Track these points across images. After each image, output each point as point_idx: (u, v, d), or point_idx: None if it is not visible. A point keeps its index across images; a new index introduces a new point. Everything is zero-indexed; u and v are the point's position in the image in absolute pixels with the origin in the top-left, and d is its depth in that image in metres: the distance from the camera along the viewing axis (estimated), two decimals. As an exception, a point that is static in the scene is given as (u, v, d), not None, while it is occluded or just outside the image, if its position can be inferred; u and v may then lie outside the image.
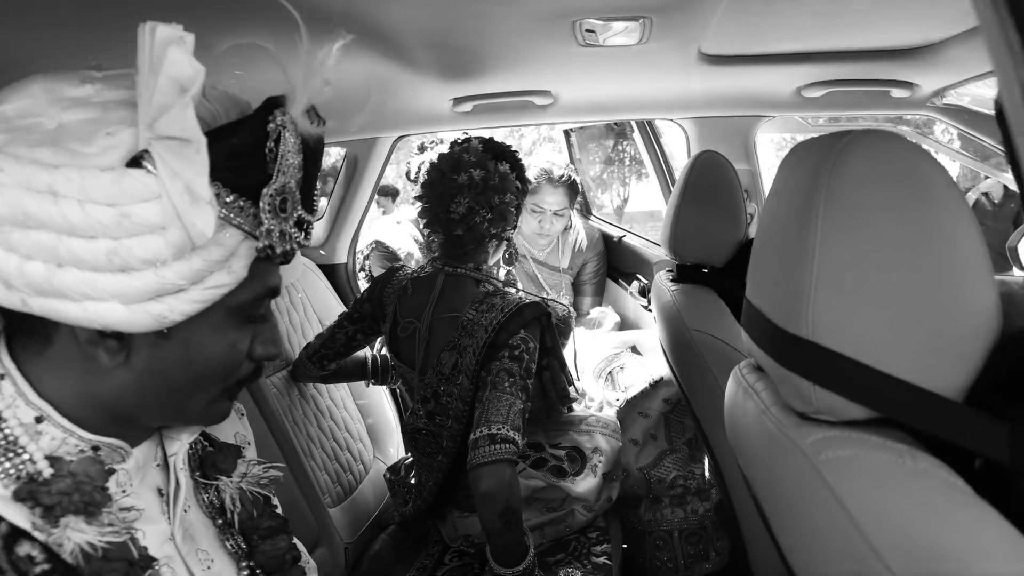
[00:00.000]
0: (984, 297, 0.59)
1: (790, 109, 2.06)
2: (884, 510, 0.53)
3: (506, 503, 1.26)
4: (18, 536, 0.54)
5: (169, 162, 0.52)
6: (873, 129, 0.65)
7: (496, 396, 1.31)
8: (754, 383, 0.79)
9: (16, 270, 0.53)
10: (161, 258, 0.53)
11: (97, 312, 0.54)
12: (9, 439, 0.58)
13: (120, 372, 0.60)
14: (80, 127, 0.53)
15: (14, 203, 0.51)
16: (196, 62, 0.52)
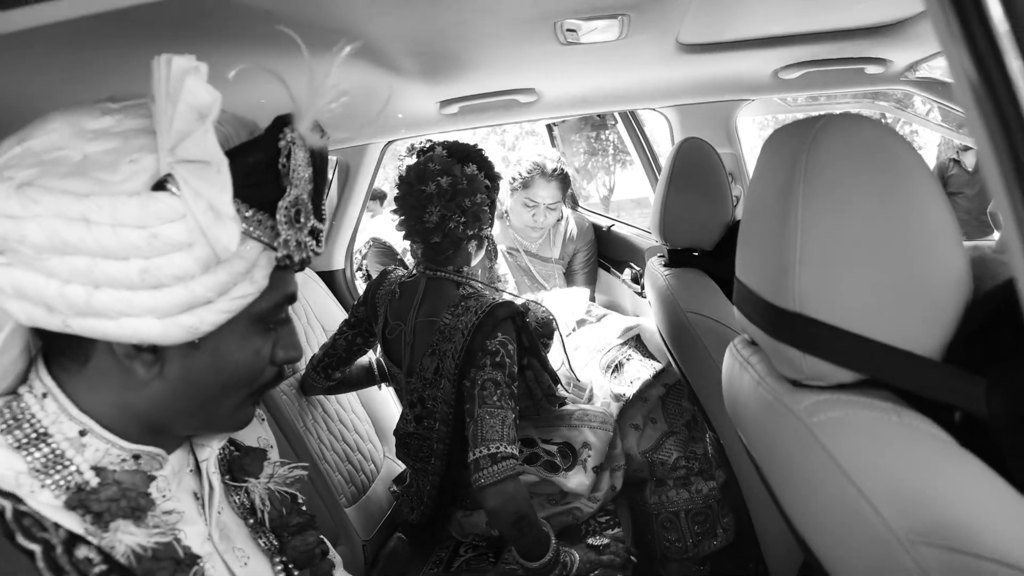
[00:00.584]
0: (954, 262, 0.63)
1: (768, 91, 2.11)
2: (874, 463, 0.58)
3: (516, 514, 1.30)
4: (76, 541, 0.58)
5: (192, 183, 0.56)
6: (844, 113, 0.70)
7: (488, 412, 1.34)
8: (748, 357, 0.83)
9: (57, 294, 0.56)
10: (190, 273, 0.57)
11: (134, 328, 0.58)
12: (56, 453, 0.61)
13: (155, 384, 0.64)
14: (104, 156, 0.57)
15: (51, 232, 0.55)
16: (212, 89, 0.56)
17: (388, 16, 1.04)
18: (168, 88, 0.54)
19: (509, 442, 1.32)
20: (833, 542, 0.64)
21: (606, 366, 2.09)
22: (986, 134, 0.40)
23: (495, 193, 1.55)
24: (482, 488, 1.30)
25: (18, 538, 0.54)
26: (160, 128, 0.55)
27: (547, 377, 1.60)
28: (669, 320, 1.67)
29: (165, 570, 0.62)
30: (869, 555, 0.56)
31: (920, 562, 0.51)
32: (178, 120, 0.54)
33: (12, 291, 0.57)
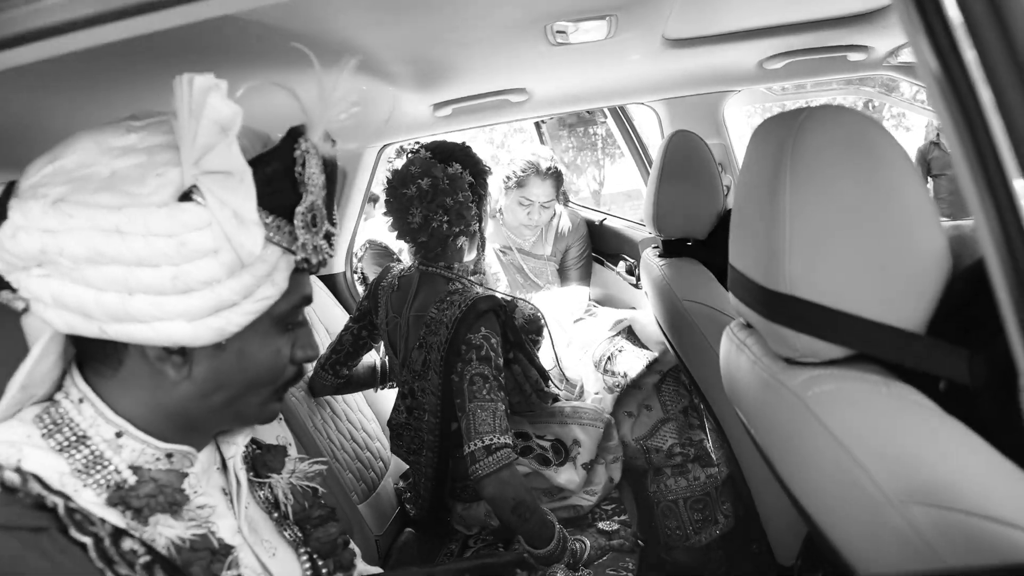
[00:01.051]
0: (934, 241, 0.68)
1: (754, 82, 2.15)
2: (865, 431, 0.62)
3: (514, 500, 1.34)
4: (121, 534, 0.61)
5: (217, 193, 0.59)
6: (826, 105, 0.74)
7: (479, 406, 1.38)
8: (744, 339, 0.87)
9: (94, 302, 0.60)
10: (217, 278, 0.61)
11: (166, 331, 0.61)
12: (95, 454, 0.65)
13: (184, 384, 0.67)
14: (132, 171, 0.60)
15: (87, 244, 0.58)
16: (234, 104, 0.59)
17: (385, 26, 1.07)
18: (191, 105, 0.58)
19: (502, 432, 1.37)
20: (830, 507, 0.68)
21: (598, 359, 2.11)
22: (950, 121, 0.43)
23: (483, 189, 1.59)
24: (480, 479, 1.34)
25: (71, 531, 0.58)
26: (183, 143, 0.59)
27: (535, 372, 1.64)
28: (666, 309, 1.72)
29: (203, 560, 0.65)
30: (864, 518, 0.60)
31: (911, 521, 0.55)
32: (202, 134, 0.58)
33: (51, 301, 0.61)
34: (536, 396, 1.67)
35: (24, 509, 0.57)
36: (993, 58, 0.40)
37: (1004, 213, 0.42)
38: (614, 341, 2.15)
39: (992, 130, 0.41)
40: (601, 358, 2.11)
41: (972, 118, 0.42)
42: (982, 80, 0.40)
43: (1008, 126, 0.39)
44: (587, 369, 2.10)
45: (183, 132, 0.58)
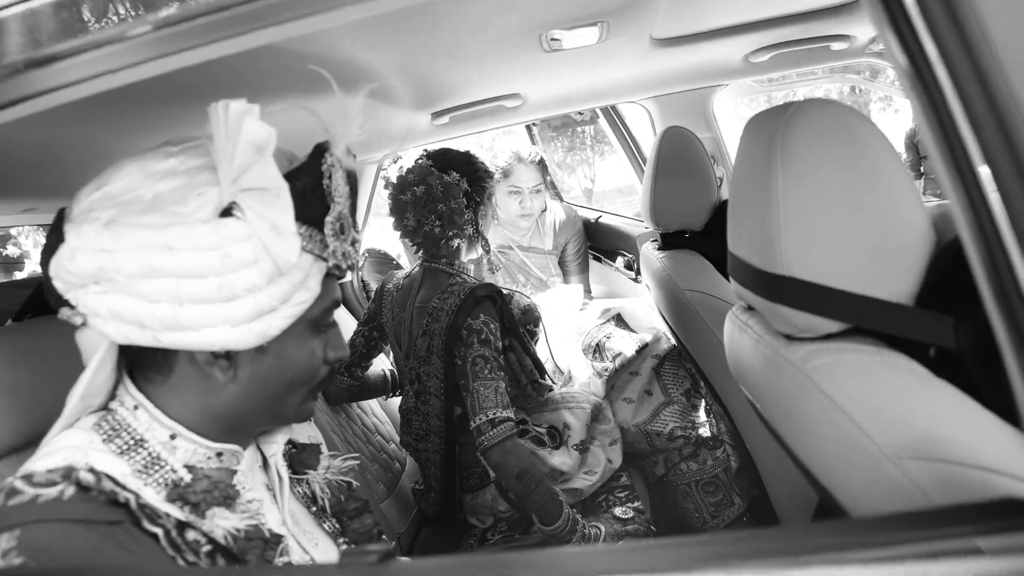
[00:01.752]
0: (916, 219, 0.73)
1: (741, 75, 2.21)
2: (862, 396, 0.67)
3: (517, 467, 1.45)
4: (184, 526, 0.67)
5: (255, 208, 0.64)
6: (811, 99, 0.79)
7: (482, 384, 1.50)
8: (747, 320, 0.93)
9: (148, 313, 0.65)
10: (258, 285, 0.66)
11: (214, 336, 0.67)
12: (153, 455, 0.71)
13: (230, 387, 0.73)
14: (173, 193, 0.66)
15: (140, 260, 0.64)
16: (268, 126, 0.65)
17: (386, 45, 1.13)
18: (227, 129, 0.63)
19: (504, 407, 1.48)
20: (835, 468, 0.73)
21: (586, 346, 2.15)
22: (920, 111, 0.49)
23: (481, 195, 1.67)
24: (485, 450, 1.46)
25: (144, 523, 0.63)
26: (221, 164, 0.64)
27: (529, 362, 1.73)
28: (668, 300, 1.77)
29: (256, 548, 0.71)
30: (865, 475, 0.65)
31: (907, 474, 0.61)
32: (239, 155, 0.63)
33: (108, 314, 0.66)
34: (532, 388, 1.75)
35: (99, 505, 0.62)
36: (951, 52, 0.45)
37: (972, 195, 0.47)
38: (603, 328, 2.20)
39: (956, 119, 0.46)
40: (589, 345, 2.15)
41: (939, 108, 0.48)
42: (944, 73, 0.46)
43: (969, 116, 0.45)
44: (576, 356, 2.14)
45: (220, 154, 0.64)
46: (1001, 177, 0.44)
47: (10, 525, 0.59)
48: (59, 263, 0.67)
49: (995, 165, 0.44)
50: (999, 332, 0.50)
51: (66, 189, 1.55)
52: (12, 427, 0.99)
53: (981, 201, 0.47)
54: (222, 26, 0.61)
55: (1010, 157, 0.44)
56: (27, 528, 0.59)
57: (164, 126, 1.11)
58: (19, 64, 0.64)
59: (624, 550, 0.49)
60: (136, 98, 0.88)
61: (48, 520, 0.59)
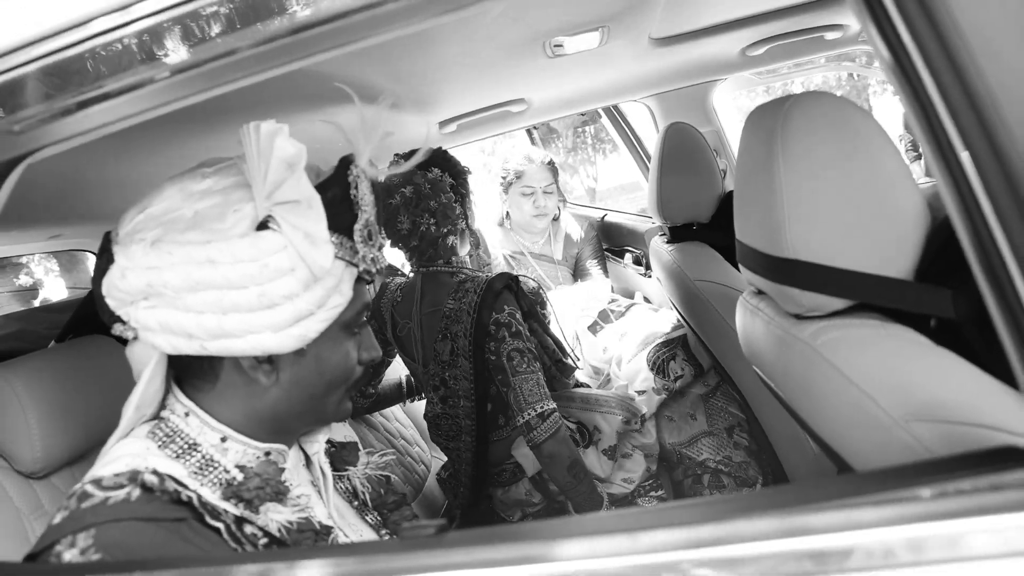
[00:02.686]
0: (912, 199, 0.78)
1: (738, 69, 2.25)
2: (870, 367, 0.72)
3: (570, 458, 1.47)
4: (242, 521, 0.72)
5: (289, 220, 0.69)
6: (807, 92, 0.84)
7: (523, 379, 1.51)
8: (757, 304, 0.98)
9: (195, 324, 0.70)
10: (295, 292, 0.70)
11: (257, 342, 0.71)
12: (206, 458, 0.75)
13: (274, 390, 0.78)
14: (212, 211, 0.70)
15: (185, 275, 0.69)
16: (297, 143, 0.70)
17: (396, 61, 1.18)
18: (259, 148, 0.68)
19: (547, 398, 1.50)
20: (847, 437, 0.78)
21: (652, 360, 2.08)
22: (905, 101, 0.54)
23: (464, 188, 1.67)
24: (539, 444, 1.47)
25: (207, 519, 0.69)
26: (255, 181, 0.69)
27: (550, 342, 1.73)
28: (680, 292, 1.82)
29: (309, 539, 0.76)
30: (877, 440, 0.70)
31: (915, 436, 0.66)
32: (272, 172, 0.68)
33: (158, 327, 0.71)
34: (556, 368, 1.75)
35: (164, 504, 0.67)
36: (927, 45, 0.50)
37: (957, 177, 0.52)
38: (671, 347, 2.09)
39: (937, 108, 0.51)
40: (656, 360, 2.07)
41: (921, 98, 0.53)
42: (923, 65, 0.50)
43: (947, 104, 0.50)
44: (640, 364, 2.10)
45: (254, 172, 0.68)
46: (980, 161, 0.49)
47: (86, 525, 0.63)
48: (110, 282, 0.72)
49: (974, 150, 0.49)
50: (990, 302, 0.55)
51: (90, 216, 1.62)
52: (66, 443, 1.06)
53: (965, 183, 0.52)
54: (235, 67, 0.65)
55: (987, 143, 0.49)
56: (101, 527, 0.63)
57: (188, 151, 1.16)
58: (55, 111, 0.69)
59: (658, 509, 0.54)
60: (158, 128, 0.93)
61: (119, 519, 0.64)
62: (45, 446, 1.00)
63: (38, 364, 1.06)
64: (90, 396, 1.10)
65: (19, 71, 0.66)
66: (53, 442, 1.02)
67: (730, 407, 1.99)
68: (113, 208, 1.61)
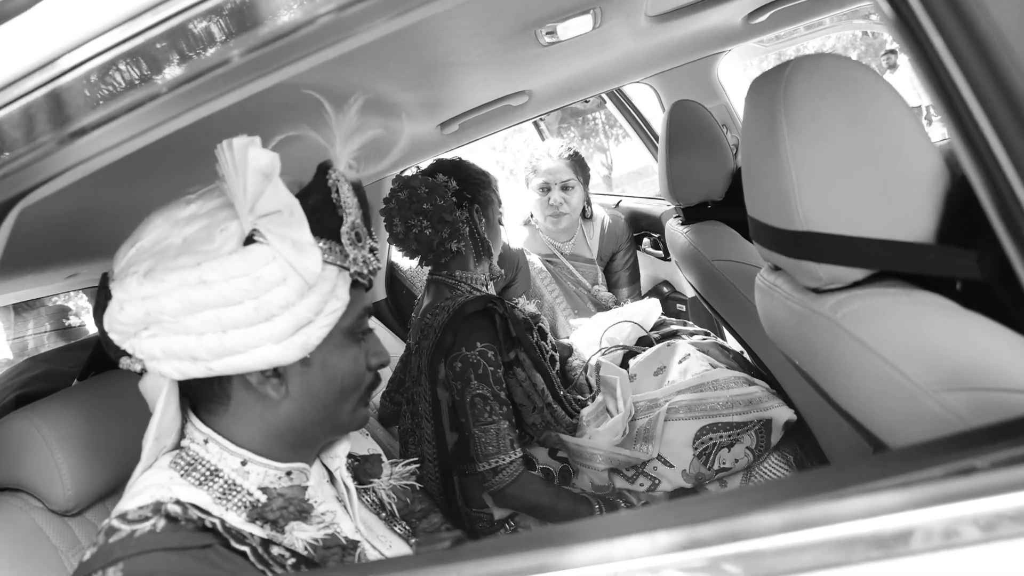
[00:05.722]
0: (927, 158, 0.74)
1: (742, 38, 2.19)
2: (894, 337, 0.69)
3: (529, 506, 1.43)
4: (268, 543, 0.72)
5: (274, 230, 0.70)
6: (808, 55, 0.81)
7: (482, 429, 1.42)
8: (774, 281, 0.95)
9: (196, 345, 0.70)
10: (291, 301, 0.71)
11: (260, 355, 0.72)
12: (228, 483, 0.76)
13: (285, 403, 0.78)
14: (199, 234, 0.71)
15: (179, 299, 0.69)
16: (269, 152, 0.70)
17: (387, 65, 1.17)
18: (234, 163, 0.68)
19: (505, 451, 1.42)
20: (876, 412, 0.74)
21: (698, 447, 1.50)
22: (914, 64, 0.51)
23: (474, 193, 1.63)
24: (495, 495, 1.44)
25: (232, 543, 0.69)
26: (236, 197, 0.69)
27: (541, 380, 1.57)
28: (698, 274, 1.78)
29: (335, 555, 0.75)
30: (906, 413, 0.66)
31: (946, 406, 0.62)
32: (250, 184, 0.68)
33: (162, 355, 0.72)
34: (548, 412, 1.57)
35: (189, 533, 0.68)
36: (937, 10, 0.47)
37: (969, 130, 0.48)
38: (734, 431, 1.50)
39: (943, 58, 0.48)
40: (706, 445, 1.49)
41: (925, 48, 0.49)
42: (932, 28, 0.47)
43: (954, 53, 0.46)
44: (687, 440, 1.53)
45: (234, 188, 0.69)
46: (992, 108, 0.46)
47: (114, 560, 0.64)
48: (111, 317, 0.73)
49: (984, 98, 0.46)
50: (1014, 259, 0.51)
51: (106, 251, 1.63)
52: (96, 479, 1.07)
53: (979, 135, 0.49)
54: (228, 78, 0.65)
55: (998, 90, 0.45)
56: (129, 561, 0.64)
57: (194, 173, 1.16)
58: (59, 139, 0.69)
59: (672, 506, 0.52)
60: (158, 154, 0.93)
61: (147, 551, 0.65)
62: (75, 484, 1.02)
63: (62, 404, 1.08)
64: (116, 430, 1.11)
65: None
66: (82, 479, 1.03)
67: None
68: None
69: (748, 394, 1.52)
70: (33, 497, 1.02)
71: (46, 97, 0.62)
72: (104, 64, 0.61)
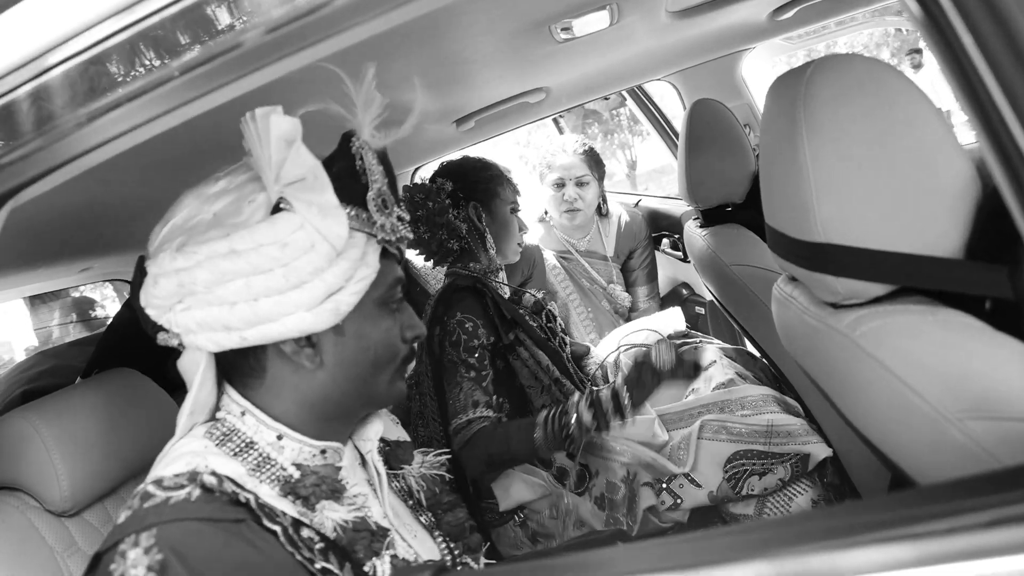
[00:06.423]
0: (957, 166, 0.69)
1: (767, 36, 2.13)
2: (916, 358, 0.64)
3: (483, 462, 1.39)
4: (299, 524, 0.71)
5: (300, 197, 0.70)
6: (831, 55, 0.76)
7: (449, 391, 1.47)
8: (791, 292, 0.90)
9: (229, 315, 0.71)
10: (321, 267, 0.71)
11: (293, 323, 0.72)
12: (263, 456, 0.76)
13: (320, 374, 0.77)
14: (228, 208, 0.72)
15: (211, 269, 0.70)
16: (292, 118, 0.70)
17: (395, 61, 1.14)
18: (258, 132, 0.69)
19: (464, 411, 1.43)
20: (894, 437, 0.70)
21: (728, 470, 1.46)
22: (941, 62, 0.46)
23: (474, 190, 1.63)
24: (463, 460, 1.40)
25: (264, 521, 0.68)
26: (263, 167, 0.70)
27: (545, 357, 1.56)
28: (716, 278, 1.73)
29: (364, 539, 0.75)
30: (927, 441, 0.62)
31: (970, 435, 0.58)
32: (274, 152, 0.69)
33: (196, 326, 0.72)
34: (555, 386, 1.56)
35: (223, 505, 0.68)
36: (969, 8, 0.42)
37: (1000, 135, 0.44)
38: (768, 461, 1.44)
39: (973, 59, 0.43)
40: (736, 470, 1.45)
41: (955, 50, 0.45)
42: (963, 27, 0.43)
43: (986, 56, 0.42)
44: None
45: (260, 159, 0.70)
46: None
47: (148, 525, 0.64)
48: (146, 292, 0.75)
49: (1018, 104, 0.41)
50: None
51: (118, 245, 1.63)
52: (94, 480, 1.06)
53: (1012, 144, 0.44)
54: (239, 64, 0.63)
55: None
56: (163, 527, 0.64)
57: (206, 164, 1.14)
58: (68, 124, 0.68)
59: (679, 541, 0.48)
60: (167, 149, 0.92)
61: (181, 519, 0.65)
62: (72, 484, 1.01)
63: (61, 403, 1.07)
64: (116, 431, 1.10)
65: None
66: (80, 480, 1.02)
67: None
68: (138, 235, 1.63)
69: (788, 425, 1.47)
70: (30, 497, 1.02)
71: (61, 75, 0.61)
72: (113, 48, 0.60)
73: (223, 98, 0.67)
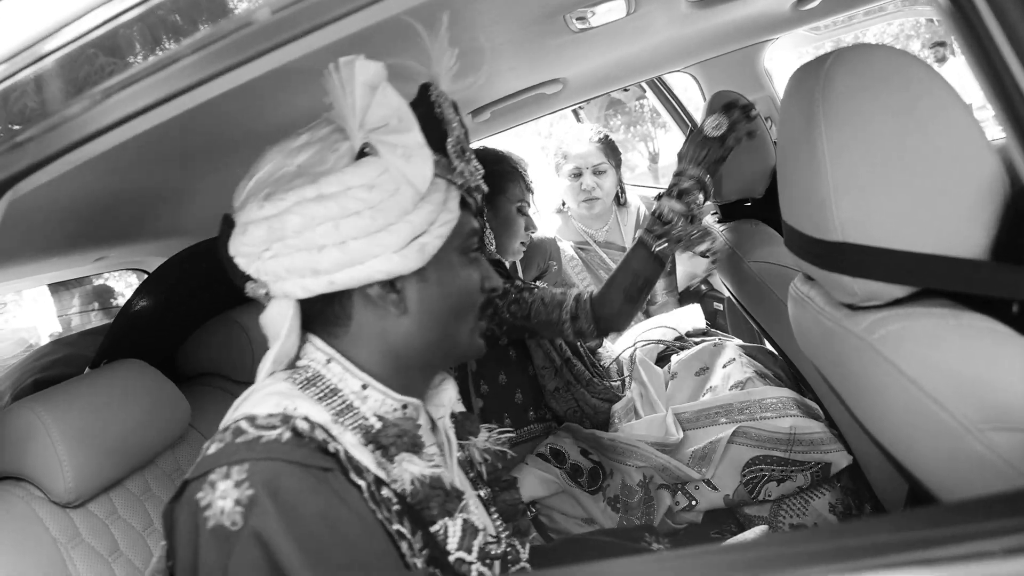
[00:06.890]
0: (984, 163, 0.66)
1: (791, 26, 2.07)
2: (936, 364, 0.61)
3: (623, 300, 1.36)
4: (380, 484, 0.71)
5: (385, 141, 0.71)
6: (853, 45, 0.73)
7: (535, 313, 1.41)
8: (807, 292, 0.87)
9: (319, 258, 0.71)
10: (406, 209, 0.72)
11: (380, 265, 0.72)
12: (346, 403, 0.76)
13: (404, 320, 0.78)
14: (312, 158, 0.74)
15: (300, 214, 0.71)
16: (375, 63, 0.70)
17: (410, 48, 1.12)
18: (342, 81, 0.69)
19: (562, 302, 1.40)
20: (911, 443, 0.67)
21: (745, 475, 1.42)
22: (968, 54, 0.43)
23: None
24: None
25: (351, 474, 0.68)
26: (347, 114, 0.71)
27: (554, 347, 1.56)
28: (733, 274, 1.70)
29: (439, 497, 0.74)
30: (945, 449, 0.59)
31: (992, 447, 0.55)
32: (358, 97, 0.69)
33: (286, 273, 0.73)
34: (566, 367, 1.57)
35: (312, 451, 0.67)
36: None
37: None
38: (786, 467, 1.41)
39: (1003, 52, 0.40)
40: (753, 476, 1.42)
41: (988, 52, 0.42)
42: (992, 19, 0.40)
43: (1020, 56, 0.39)
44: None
45: (344, 106, 0.70)
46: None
47: (240, 459, 0.64)
48: (235, 241, 0.75)
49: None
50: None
51: (133, 234, 1.63)
52: (99, 471, 1.06)
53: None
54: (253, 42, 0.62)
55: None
56: (255, 463, 0.64)
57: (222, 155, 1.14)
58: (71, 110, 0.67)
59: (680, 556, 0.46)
60: (176, 136, 0.91)
61: (272, 459, 0.65)
62: (76, 476, 1.01)
63: (68, 393, 1.07)
64: (122, 423, 1.10)
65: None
66: (84, 471, 1.02)
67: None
68: (149, 226, 1.63)
69: (811, 433, 1.42)
70: (35, 487, 1.02)
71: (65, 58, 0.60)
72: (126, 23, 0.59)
73: (233, 82, 0.65)
